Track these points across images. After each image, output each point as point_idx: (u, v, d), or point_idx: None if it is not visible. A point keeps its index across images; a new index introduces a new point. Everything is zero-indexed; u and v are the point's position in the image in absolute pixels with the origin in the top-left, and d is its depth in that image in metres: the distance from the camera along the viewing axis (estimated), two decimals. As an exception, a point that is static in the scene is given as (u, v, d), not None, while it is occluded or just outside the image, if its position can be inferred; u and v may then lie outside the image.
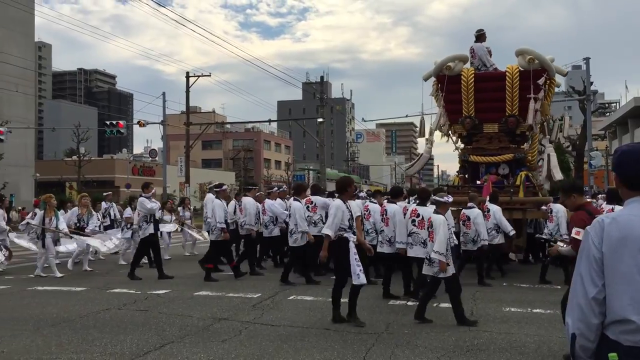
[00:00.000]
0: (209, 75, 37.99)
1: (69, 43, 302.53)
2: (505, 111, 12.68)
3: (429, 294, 7.38)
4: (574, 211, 5.56)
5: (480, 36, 13.45)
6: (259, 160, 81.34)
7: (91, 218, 13.32)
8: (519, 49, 12.71)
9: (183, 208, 17.07)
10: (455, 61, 13.04)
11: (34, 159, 56.18)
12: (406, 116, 59.37)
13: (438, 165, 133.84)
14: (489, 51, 13.41)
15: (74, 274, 12.10)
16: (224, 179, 44.11)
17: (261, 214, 12.24)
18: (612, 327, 2.15)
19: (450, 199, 8.03)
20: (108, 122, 33.99)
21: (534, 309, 8.05)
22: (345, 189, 7.42)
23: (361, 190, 14.67)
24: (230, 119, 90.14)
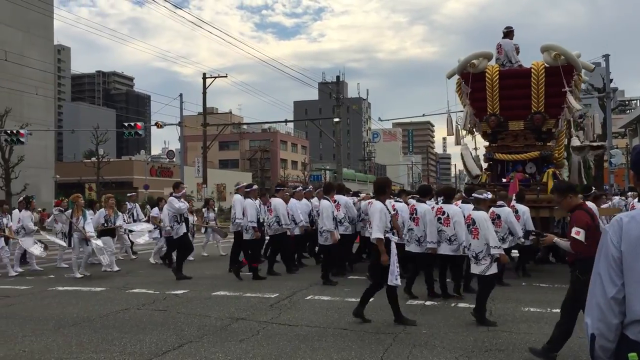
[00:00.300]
0: (226, 77, 38.07)
1: (88, 46, 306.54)
2: (530, 108, 12.53)
3: (485, 292, 7.15)
4: (571, 212, 5.57)
5: (509, 33, 13.37)
6: (276, 160, 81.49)
7: (117, 218, 13.43)
8: (544, 45, 12.49)
9: (207, 209, 17.04)
10: (479, 58, 12.92)
11: (54, 160, 56.79)
12: (423, 115, 59.18)
13: (455, 165, 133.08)
14: (517, 48, 13.31)
15: (94, 275, 12.24)
16: (241, 179, 44.02)
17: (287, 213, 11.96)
18: (631, 326, 2.12)
19: (490, 195, 7.94)
20: (126, 124, 34.26)
21: (553, 309, 7.92)
22: (384, 190, 7.32)
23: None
24: (246, 120, 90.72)
